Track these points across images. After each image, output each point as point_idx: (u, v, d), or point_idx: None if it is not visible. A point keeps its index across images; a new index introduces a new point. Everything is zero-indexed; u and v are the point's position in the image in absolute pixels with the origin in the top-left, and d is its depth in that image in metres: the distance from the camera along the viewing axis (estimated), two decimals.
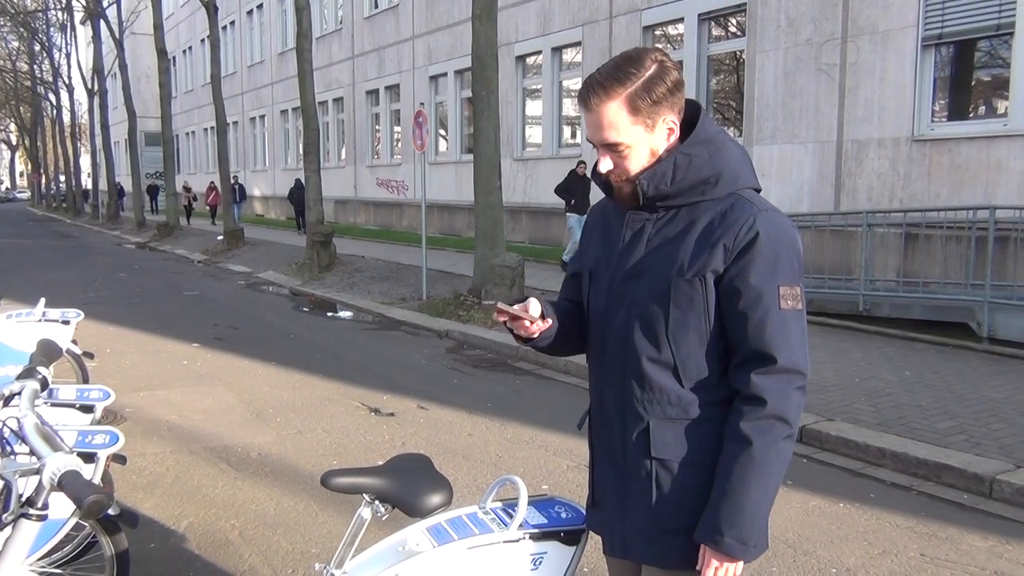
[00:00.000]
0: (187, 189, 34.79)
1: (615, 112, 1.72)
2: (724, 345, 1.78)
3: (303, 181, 26.26)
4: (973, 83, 10.78)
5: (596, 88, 1.73)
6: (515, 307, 1.86)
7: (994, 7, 9.53)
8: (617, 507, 1.91)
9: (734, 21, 13.69)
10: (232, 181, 27.30)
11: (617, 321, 1.86)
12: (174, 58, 40.68)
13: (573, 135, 17.53)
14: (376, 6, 24.62)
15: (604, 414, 1.94)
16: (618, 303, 1.86)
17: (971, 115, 10.61)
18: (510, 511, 2.08)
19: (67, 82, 45.62)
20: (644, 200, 1.80)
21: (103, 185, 39.62)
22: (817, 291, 9.87)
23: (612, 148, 1.77)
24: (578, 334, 2.01)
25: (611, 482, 1.93)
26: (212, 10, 21.45)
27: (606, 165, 1.80)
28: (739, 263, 1.71)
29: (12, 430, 2.11)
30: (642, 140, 1.76)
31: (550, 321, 1.91)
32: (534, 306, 1.88)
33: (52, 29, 45.98)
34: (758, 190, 1.84)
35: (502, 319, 1.86)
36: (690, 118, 1.81)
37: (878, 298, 9.57)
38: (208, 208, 32.49)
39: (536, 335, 1.90)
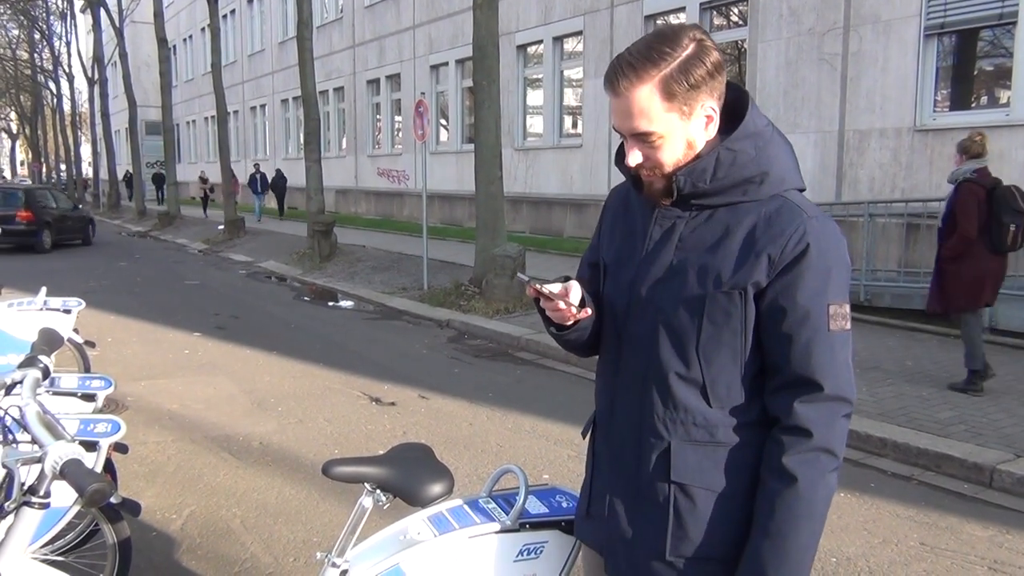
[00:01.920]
0: (203, 180, 31.80)
1: (647, 97, 1.52)
2: (759, 364, 1.60)
3: (284, 172, 26.28)
4: (975, 73, 10.74)
5: (626, 70, 1.52)
6: (553, 287, 1.66)
7: None
8: (625, 528, 1.74)
9: (736, 10, 13.64)
10: (254, 170, 26.95)
11: (640, 328, 1.67)
12: (174, 47, 40.57)
13: (574, 125, 17.49)
14: None
15: (615, 426, 1.76)
16: (641, 308, 1.67)
17: (973, 105, 10.58)
18: (511, 500, 2.08)
19: (67, 70, 45.48)
20: (678, 197, 1.62)
21: (104, 174, 39.59)
22: None
23: (643, 138, 1.57)
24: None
25: (619, 500, 1.75)
26: None
27: (635, 158, 1.59)
28: (785, 278, 1.53)
29: (14, 418, 2.11)
30: (677, 129, 1.56)
31: (590, 311, 1.69)
32: (575, 292, 1.67)
33: (52, 17, 45.78)
34: (802, 190, 1.65)
35: (533, 294, 1.68)
36: (732, 105, 1.62)
37: (879, 288, 9.56)
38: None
39: (571, 322, 1.69)
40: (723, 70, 1.56)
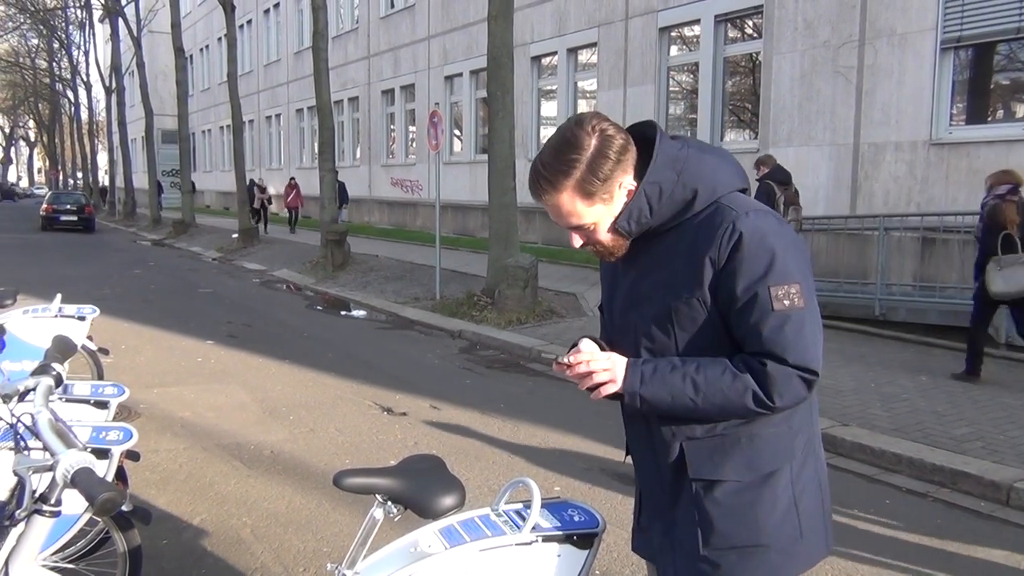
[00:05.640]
0: (261, 189, 26.50)
1: (568, 201, 1.70)
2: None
3: (255, 180, 25.85)
4: (992, 86, 10.69)
5: (543, 183, 1.71)
6: (568, 357, 1.78)
7: (1014, 10, 9.44)
8: (666, 536, 1.86)
9: (751, 23, 13.63)
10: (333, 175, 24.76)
11: (626, 348, 1.83)
12: (191, 56, 40.92)
13: None
14: (392, 6, 24.66)
15: (637, 441, 1.93)
16: (623, 334, 1.86)
17: (990, 119, 10.52)
18: (523, 514, 2.07)
19: (85, 79, 45.97)
20: (631, 238, 1.78)
21: (120, 182, 39.91)
22: (833, 295, 9.80)
23: (578, 228, 1.77)
24: None
25: (657, 511, 1.90)
26: (229, 9, 21.55)
27: (577, 242, 1.81)
28: (727, 270, 1.67)
29: (26, 426, 2.12)
30: (605, 214, 1.74)
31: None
32: (586, 343, 1.81)
33: (71, 27, 46.39)
34: (744, 189, 1.77)
35: (559, 370, 1.80)
36: (651, 137, 1.75)
37: (894, 303, 9.49)
38: (288, 211, 26.42)
39: (608, 380, 1.76)
40: (628, 148, 1.71)
